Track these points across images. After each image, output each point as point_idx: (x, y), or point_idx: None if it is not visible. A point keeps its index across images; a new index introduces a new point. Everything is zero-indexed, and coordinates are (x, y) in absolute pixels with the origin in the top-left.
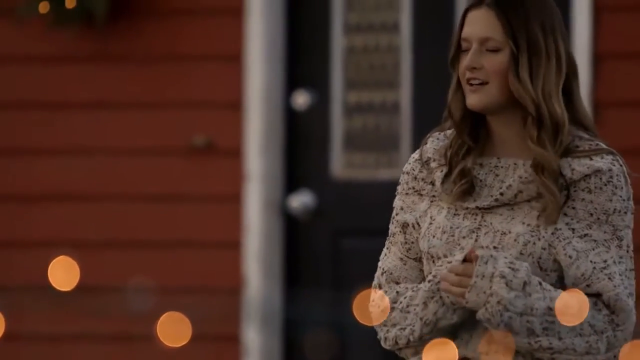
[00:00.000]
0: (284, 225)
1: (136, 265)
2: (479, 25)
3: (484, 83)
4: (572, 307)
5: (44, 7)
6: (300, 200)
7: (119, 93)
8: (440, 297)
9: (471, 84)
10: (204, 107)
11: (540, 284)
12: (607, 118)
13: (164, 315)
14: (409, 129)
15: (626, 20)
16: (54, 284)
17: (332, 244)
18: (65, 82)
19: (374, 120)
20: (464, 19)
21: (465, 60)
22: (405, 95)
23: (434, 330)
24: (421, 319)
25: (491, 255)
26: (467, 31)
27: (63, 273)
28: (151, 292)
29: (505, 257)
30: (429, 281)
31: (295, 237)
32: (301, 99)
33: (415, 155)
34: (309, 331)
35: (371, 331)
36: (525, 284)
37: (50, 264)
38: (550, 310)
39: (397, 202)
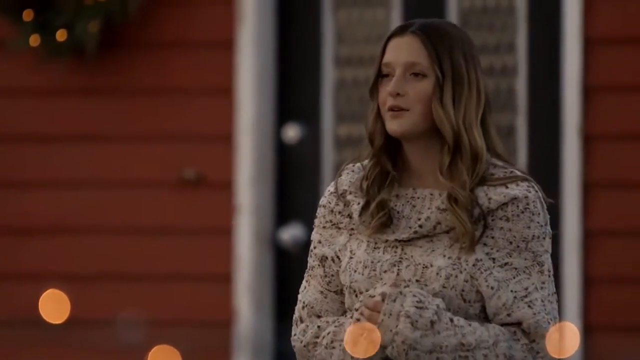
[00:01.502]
0: (274, 258)
1: (127, 298)
2: (404, 51)
3: (405, 109)
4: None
5: (34, 40)
6: (291, 233)
7: (110, 126)
8: (368, 334)
9: (393, 110)
10: (194, 140)
11: (451, 320)
12: (597, 151)
13: (154, 348)
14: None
15: (616, 54)
16: (44, 317)
17: None
18: (56, 115)
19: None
20: (385, 46)
21: (389, 86)
22: None
23: None
24: (351, 356)
25: (400, 292)
26: (390, 57)
27: (53, 306)
28: (142, 325)
29: (414, 295)
30: (357, 319)
31: (286, 270)
32: (292, 132)
33: (331, 188)
34: None
35: None
36: (432, 322)
37: (41, 297)
38: (462, 345)
39: (314, 236)
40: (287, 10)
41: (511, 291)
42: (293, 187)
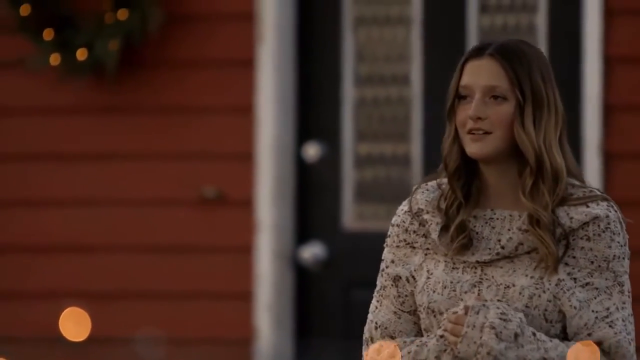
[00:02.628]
0: (294, 276)
1: (146, 315)
2: (483, 74)
3: (487, 133)
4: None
5: (55, 59)
6: (311, 251)
7: (130, 144)
8: (452, 349)
9: (473, 133)
10: (214, 158)
11: (534, 334)
12: (617, 169)
13: None
14: (419, 180)
15: (636, 72)
16: (65, 335)
17: (342, 295)
18: (76, 133)
19: (385, 171)
20: (462, 68)
21: (470, 110)
22: (415, 146)
23: None
24: None
25: (483, 305)
26: (468, 80)
27: (74, 324)
28: (161, 343)
29: (498, 308)
30: (440, 336)
31: (306, 288)
32: (312, 150)
33: (405, 207)
34: None
35: None
36: (516, 335)
37: (61, 315)
38: None
39: (386, 255)
40: (307, 29)
41: (592, 311)
42: (313, 205)
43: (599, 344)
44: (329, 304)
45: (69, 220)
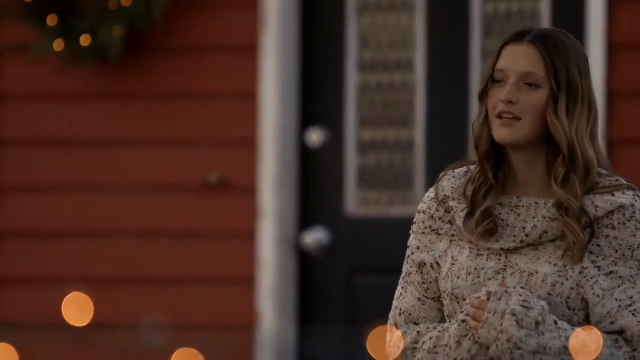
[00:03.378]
0: (298, 262)
1: (150, 301)
2: (520, 59)
3: (516, 118)
4: (588, 345)
5: (58, 45)
6: (314, 237)
7: (133, 130)
8: (473, 335)
9: (502, 117)
10: (218, 145)
11: (555, 322)
12: (621, 156)
13: (177, 351)
14: (422, 166)
15: (639, 58)
16: (68, 320)
17: (345, 281)
18: (80, 119)
19: (388, 157)
20: (500, 52)
21: (503, 93)
22: (419, 132)
23: None
24: (455, 359)
25: (505, 291)
26: (505, 64)
27: (77, 309)
28: (165, 329)
29: (520, 295)
30: (462, 320)
31: (309, 274)
32: (315, 137)
33: (431, 194)
34: None
35: None
36: (537, 323)
37: (64, 300)
38: (566, 349)
39: (412, 242)
40: (311, 15)
41: (616, 299)
42: (316, 192)
43: (621, 332)
44: (332, 289)
45: (72, 206)
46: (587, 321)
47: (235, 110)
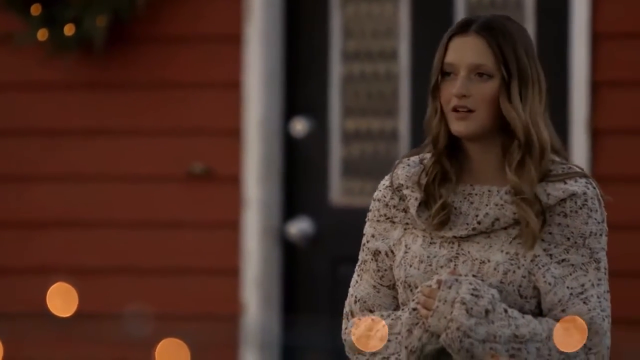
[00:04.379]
0: (282, 252)
1: (134, 291)
2: (468, 52)
3: (471, 110)
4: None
5: (42, 34)
6: (299, 227)
7: (117, 120)
8: (424, 322)
9: (457, 111)
10: (202, 135)
11: (505, 311)
12: (605, 146)
13: (162, 341)
14: (402, 155)
15: (624, 49)
16: (52, 310)
17: (330, 271)
18: (64, 109)
19: (372, 147)
20: (447, 45)
21: (454, 88)
22: (403, 122)
23: (420, 357)
24: (406, 347)
25: (456, 280)
26: (453, 57)
27: (61, 299)
28: (149, 319)
29: (470, 283)
30: (413, 309)
31: (293, 264)
32: (299, 126)
33: (386, 182)
34: (307, 357)
35: None
36: (487, 311)
37: (49, 291)
38: (516, 337)
39: (367, 230)
40: (295, 5)
41: (567, 287)
42: (301, 181)
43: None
44: (317, 279)
45: (56, 196)
46: (539, 309)
47: (219, 100)
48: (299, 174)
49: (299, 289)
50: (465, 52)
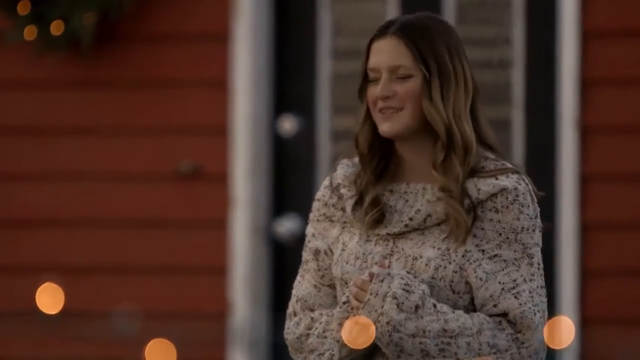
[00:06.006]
0: (270, 250)
1: (123, 290)
2: (387, 54)
3: (398, 110)
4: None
5: (30, 33)
6: (287, 226)
7: (106, 118)
8: (354, 315)
9: (383, 112)
10: (190, 133)
11: (434, 306)
12: (593, 143)
13: (150, 342)
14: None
15: (613, 47)
16: (41, 308)
17: None
18: (52, 108)
19: None
20: (369, 49)
21: (377, 90)
22: None
23: (351, 351)
24: (338, 340)
25: (388, 274)
26: (374, 61)
27: (50, 299)
28: (137, 317)
29: (402, 278)
30: (343, 302)
31: (281, 263)
32: (288, 125)
33: (326, 181)
34: None
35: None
36: (417, 307)
37: (37, 291)
38: (445, 332)
39: (308, 229)
40: (284, 3)
41: (499, 282)
42: (289, 180)
43: (504, 314)
44: None
45: (45, 195)
46: (472, 305)
47: (207, 98)
48: (288, 172)
49: (287, 287)
50: (383, 54)
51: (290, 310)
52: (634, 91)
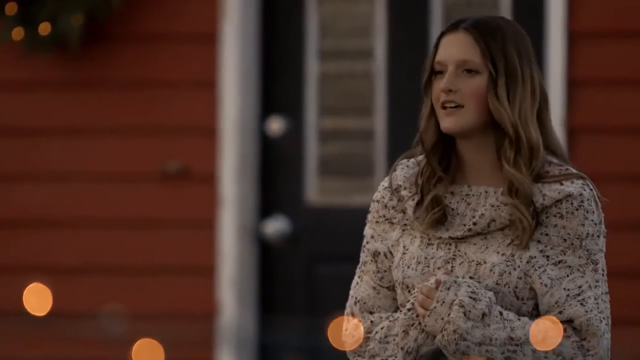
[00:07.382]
0: (258, 251)
1: (110, 290)
2: (456, 48)
3: (459, 106)
4: (534, 335)
5: (17, 34)
6: (275, 226)
7: (93, 119)
8: (420, 323)
9: (445, 108)
10: (178, 133)
11: (501, 313)
12: (581, 144)
13: (138, 342)
14: (383, 155)
15: (600, 47)
16: (28, 309)
17: (306, 270)
18: (39, 108)
19: (349, 146)
20: (438, 43)
21: (442, 83)
22: (379, 121)
23: (417, 358)
24: (402, 348)
25: (454, 282)
26: (442, 54)
27: (37, 299)
28: (125, 318)
29: (469, 286)
30: (408, 309)
31: (269, 263)
32: (275, 125)
33: (385, 183)
34: (283, 357)
35: (345, 356)
36: (484, 314)
37: (25, 291)
38: (511, 339)
39: (367, 231)
40: (271, 4)
41: (564, 289)
42: (277, 180)
43: (570, 321)
44: (293, 279)
45: (32, 195)
46: (536, 310)
47: (195, 99)
48: (275, 172)
49: (275, 288)
50: (453, 48)
51: (348, 311)
52: (621, 92)
